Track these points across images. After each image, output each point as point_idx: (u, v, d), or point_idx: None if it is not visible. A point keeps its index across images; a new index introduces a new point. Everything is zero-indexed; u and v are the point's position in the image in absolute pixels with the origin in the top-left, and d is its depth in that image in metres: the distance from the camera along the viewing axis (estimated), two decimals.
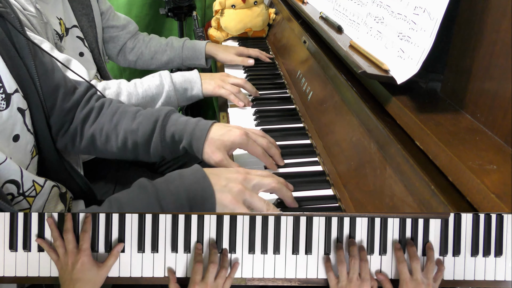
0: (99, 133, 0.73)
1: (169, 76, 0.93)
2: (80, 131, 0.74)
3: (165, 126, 0.70)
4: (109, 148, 0.73)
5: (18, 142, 0.64)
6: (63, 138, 0.75)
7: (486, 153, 0.47)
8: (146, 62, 1.23)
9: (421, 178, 0.49)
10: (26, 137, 0.66)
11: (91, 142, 0.74)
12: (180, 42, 1.22)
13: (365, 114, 0.65)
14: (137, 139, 0.70)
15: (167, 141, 0.70)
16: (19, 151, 0.65)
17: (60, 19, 0.94)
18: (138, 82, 0.92)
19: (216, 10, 1.42)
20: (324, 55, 0.87)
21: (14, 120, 0.63)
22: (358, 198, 0.63)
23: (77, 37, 0.99)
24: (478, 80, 0.53)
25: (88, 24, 1.02)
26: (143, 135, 0.70)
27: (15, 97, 0.63)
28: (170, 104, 0.93)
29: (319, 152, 0.78)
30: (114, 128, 0.72)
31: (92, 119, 0.74)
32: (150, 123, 0.70)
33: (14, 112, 0.62)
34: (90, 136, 0.74)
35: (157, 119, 0.70)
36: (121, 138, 0.71)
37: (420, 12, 0.58)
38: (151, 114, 0.71)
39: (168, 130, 0.69)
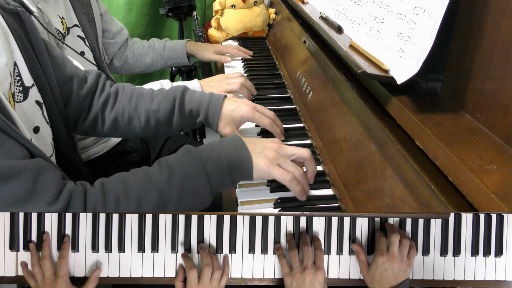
0: (121, 116, 0.78)
1: (169, 85, 0.93)
2: (101, 116, 0.78)
3: (183, 104, 0.77)
4: (132, 128, 0.78)
5: (38, 133, 0.66)
6: (83, 125, 0.78)
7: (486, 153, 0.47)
8: (130, 66, 1.24)
9: (421, 178, 0.49)
10: (46, 129, 0.68)
11: (114, 125, 0.79)
12: (161, 43, 1.24)
13: (365, 114, 0.65)
14: (159, 117, 0.76)
15: (186, 116, 0.77)
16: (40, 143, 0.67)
17: (61, 18, 0.94)
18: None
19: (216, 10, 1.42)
20: (324, 55, 0.87)
21: (33, 112, 0.65)
22: (358, 198, 0.63)
23: (78, 36, 0.99)
24: (478, 80, 0.53)
25: (88, 24, 1.03)
26: (164, 114, 0.76)
27: (32, 91, 0.65)
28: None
29: (319, 152, 0.78)
30: (135, 110, 0.77)
31: (111, 104, 0.78)
32: (169, 102, 0.76)
33: (32, 105, 0.64)
34: (112, 120, 0.78)
35: (175, 98, 0.76)
36: (144, 118, 0.77)
37: (420, 12, 0.58)
38: (168, 93, 0.77)
39: (186, 107, 0.77)
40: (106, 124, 0.78)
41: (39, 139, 0.66)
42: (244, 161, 0.61)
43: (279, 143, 0.65)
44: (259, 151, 0.62)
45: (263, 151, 0.62)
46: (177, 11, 1.50)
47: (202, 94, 0.78)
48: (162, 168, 0.59)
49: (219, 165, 0.60)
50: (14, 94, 0.60)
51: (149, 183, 0.57)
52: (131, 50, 1.23)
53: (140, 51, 1.23)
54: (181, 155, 0.61)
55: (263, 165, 0.61)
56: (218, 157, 0.60)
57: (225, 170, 0.60)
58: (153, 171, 0.59)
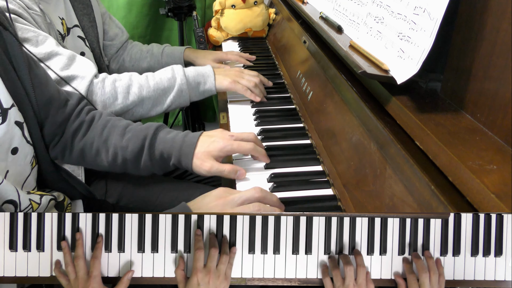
0: (89, 147, 0.74)
1: (182, 70, 0.93)
2: (70, 144, 0.75)
3: (153, 144, 0.72)
4: (99, 162, 0.75)
5: (16, 154, 0.65)
6: (54, 150, 0.76)
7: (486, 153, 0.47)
8: (127, 70, 1.22)
9: (421, 178, 0.49)
10: (25, 149, 0.67)
11: (81, 155, 0.75)
12: (160, 49, 1.22)
13: (365, 114, 0.65)
14: (127, 155, 0.72)
15: (157, 159, 0.72)
16: (18, 164, 0.66)
17: (62, 18, 0.94)
18: (150, 75, 0.92)
19: (216, 10, 1.42)
20: (324, 55, 0.87)
21: (11, 134, 0.64)
22: (358, 198, 0.63)
23: (78, 37, 0.99)
24: (478, 80, 0.53)
25: (89, 24, 1.02)
26: (132, 152, 0.71)
27: (12, 112, 0.63)
28: (181, 97, 0.92)
29: (319, 152, 0.78)
30: (104, 143, 0.73)
31: (82, 133, 0.75)
32: (139, 140, 0.71)
33: (11, 126, 0.63)
34: (80, 149, 0.75)
35: (146, 137, 0.71)
36: (111, 154, 0.73)
37: (420, 12, 0.58)
38: (140, 130, 0.73)
39: (157, 148, 0.71)
40: (74, 153, 0.75)
41: (17, 160, 0.65)
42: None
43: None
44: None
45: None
46: (177, 11, 1.50)
47: (176, 135, 0.72)
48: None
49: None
50: None
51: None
52: (129, 54, 1.21)
53: (137, 55, 1.21)
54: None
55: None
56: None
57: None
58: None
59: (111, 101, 0.86)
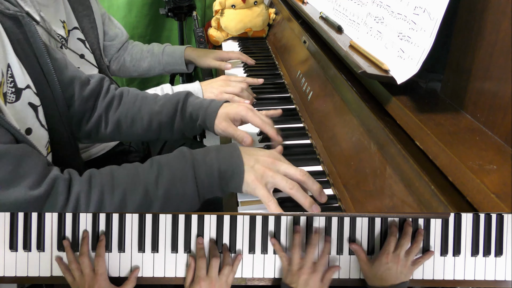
0: (125, 118, 0.79)
1: (171, 89, 0.93)
2: (105, 118, 0.79)
3: (185, 107, 0.78)
4: (134, 130, 0.79)
5: (30, 135, 0.66)
6: (87, 126, 0.79)
7: (486, 153, 0.47)
8: (128, 70, 1.22)
9: (421, 178, 0.49)
10: (39, 131, 0.68)
11: (117, 127, 0.79)
12: (160, 48, 1.21)
13: (365, 114, 0.65)
14: (162, 119, 0.78)
15: (187, 119, 0.78)
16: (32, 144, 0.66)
17: (63, 22, 0.93)
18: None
19: (216, 10, 1.42)
20: (324, 55, 0.87)
21: (25, 113, 0.65)
22: (358, 198, 0.63)
23: (78, 39, 0.99)
24: (478, 80, 0.53)
25: (89, 25, 1.02)
26: (167, 115, 0.78)
27: (26, 92, 0.65)
28: None
29: (319, 152, 0.78)
30: (138, 112, 0.78)
31: (115, 106, 0.79)
32: (172, 105, 0.78)
33: (24, 106, 0.65)
34: (116, 121, 0.79)
35: (178, 101, 0.78)
36: (146, 120, 0.78)
37: (420, 12, 0.58)
38: (172, 97, 0.80)
39: (187, 110, 0.78)
40: (109, 126, 0.79)
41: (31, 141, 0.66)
42: (235, 172, 0.60)
43: (274, 157, 0.64)
44: (251, 165, 0.61)
45: (255, 165, 0.61)
46: (177, 11, 1.50)
47: (204, 100, 0.80)
48: (153, 167, 0.59)
49: (210, 172, 0.59)
50: (6, 94, 0.61)
51: (136, 179, 0.57)
52: (130, 54, 1.21)
53: (138, 55, 1.21)
54: (174, 156, 0.61)
55: (250, 181, 0.60)
56: (211, 164, 0.60)
57: (215, 177, 0.59)
58: (143, 168, 0.59)
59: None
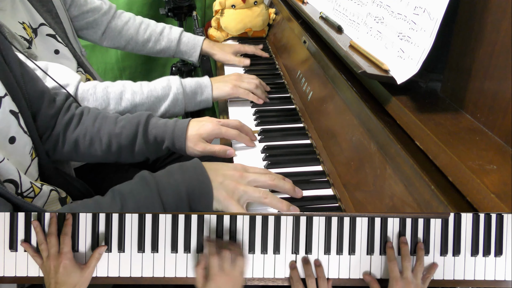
0: (83, 138, 0.76)
1: (179, 79, 0.92)
2: (63, 137, 0.76)
3: (147, 129, 0.75)
4: (92, 151, 0.77)
5: (14, 144, 0.65)
6: (46, 143, 0.77)
7: (486, 153, 0.47)
8: (136, 47, 1.20)
9: (421, 178, 0.49)
10: (23, 139, 0.67)
11: (74, 146, 0.77)
12: (176, 34, 1.19)
13: (365, 114, 0.65)
14: (121, 142, 0.75)
15: (150, 143, 0.76)
16: (16, 153, 0.66)
17: (22, 23, 0.88)
18: (144, 83, 0.90)
19: (216, 10, 1.41)
20: (324, 55, 0.87)
21: (7, 122, 0.64)
22: (358, 198, 0.63)
23: (48, 35, 0.94)
24: (478, 80, 0.53)
25: (53, 21, 0.97)
26: (126, 138, 0.75)
27: (6, 100, 0.64)
28: (177, 106, 0.91)
29: (319, 152, 0.78)
30: (97, 132, 0.75)
31: (74, 125, 0.77)
32: (132, 126, 0.75)
33: (6, 114, 0.64)
34: (73, 141, 0.76)
35: (139, 123, 0.75)
36: (105, 142, 0.75)
37: (420, 12, 0.58)
38: (132, 118, 0.76)
39: (150, 133, 0.75)
40: (66, 145, 0.76)
41: (15, 150, 0.65)
42: (204, 191, 0.59)
43: (243, 170, 0.63)
44: (220, 181, 0.60)
45: (224, 181, 0.60)
46: (177, 11, 1.50)
47: (167, 121, 0.77)
48: (115, 199, 0.57)
49: (177, 194, 0.58)
50: None
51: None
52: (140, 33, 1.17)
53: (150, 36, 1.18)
54: (135, 184, 0.59)
55: (222, 199, 0.59)
56: (176, 185, 0.58)
57: (183, 199, 0.58)
58: (105, 202, 0.58)
59: (103, 107, 0.85)
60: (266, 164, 0.76)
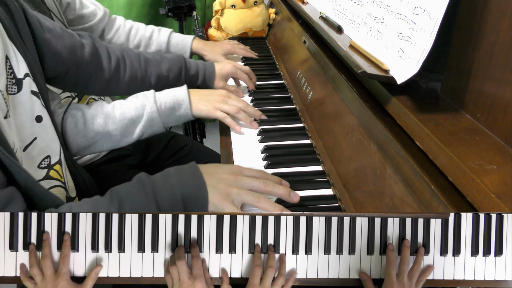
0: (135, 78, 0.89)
1: (153, 96, 0.82)
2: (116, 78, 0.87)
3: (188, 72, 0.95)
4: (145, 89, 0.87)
5: (42, 122, 0.65)
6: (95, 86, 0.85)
7: (486, 153, 0.47)
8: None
9: (421, 178, 0.49)
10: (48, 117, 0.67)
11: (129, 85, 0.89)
12: (165, 37, 1.16)
13: (365, 114, 0.65)
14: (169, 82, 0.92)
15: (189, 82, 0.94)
16: (46, 132, 0.66)
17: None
18: (117, 103, 0.82)
19: (216, 10, 1.42)
20: (324, 55, 0.87)
21: (31, 102, 0.64)
22: (358, 198, 0.63)
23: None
24: (478, 80, 0.53)
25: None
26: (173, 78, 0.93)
27: (26, 82, 0.64)
28: (154, 126, 0.82)
29: (319, 152, 0.78)
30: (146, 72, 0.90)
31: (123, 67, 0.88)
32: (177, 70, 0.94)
33: (28, 95, 0.64)
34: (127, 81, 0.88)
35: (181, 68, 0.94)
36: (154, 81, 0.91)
37: (420, 12, 0.58)
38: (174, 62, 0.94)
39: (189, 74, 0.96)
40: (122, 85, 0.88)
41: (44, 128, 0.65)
42: (199, 195, 0.59)
43: (238, 173, 0.63)
44: (214, 185, 0.60)
45: (218, 184, 0.60)
46: (177, 11, 1.50)
47: (198, 62, 0.98)
48: (113, 200, 0.58)
49: (172, 198, 0.58)
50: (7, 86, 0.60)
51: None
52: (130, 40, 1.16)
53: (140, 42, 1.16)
54: (133, 186, 0.60)
55: (217, 202, 0.59)
56: (172, 189, 0.59)
57: (179, 202, 0.59)
58: (104, 203, 0.58)
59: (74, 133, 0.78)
60: (266, 164, 0.76)
